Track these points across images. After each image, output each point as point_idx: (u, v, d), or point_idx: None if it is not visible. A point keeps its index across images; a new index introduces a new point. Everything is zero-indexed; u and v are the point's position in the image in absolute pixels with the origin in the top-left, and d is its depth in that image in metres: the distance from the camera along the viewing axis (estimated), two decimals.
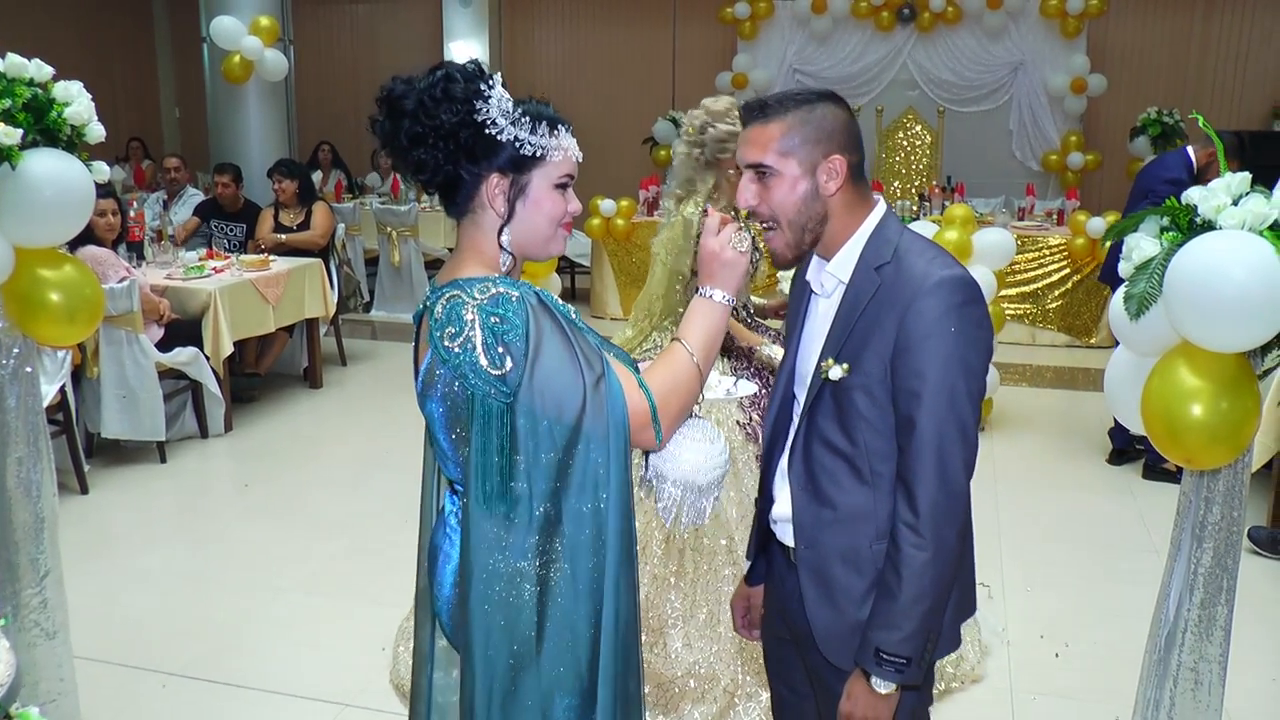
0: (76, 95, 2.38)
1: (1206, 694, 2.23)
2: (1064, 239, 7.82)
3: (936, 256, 1.70)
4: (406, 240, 8.77)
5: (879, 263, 1.71)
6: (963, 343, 1.64)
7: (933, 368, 1.62)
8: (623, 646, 1.65)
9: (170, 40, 13.93)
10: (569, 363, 1.56)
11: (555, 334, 1.58)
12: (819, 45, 11.11)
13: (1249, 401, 2.00)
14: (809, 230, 1.74)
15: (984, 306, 1.68)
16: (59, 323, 2.52)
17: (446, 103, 1.60)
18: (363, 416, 6.41)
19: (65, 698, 2.64)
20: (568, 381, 1.56)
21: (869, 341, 1.68)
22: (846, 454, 1.72)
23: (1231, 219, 1.92)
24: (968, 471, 1.66)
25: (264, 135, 8.78)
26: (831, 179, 1.71)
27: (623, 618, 1.64)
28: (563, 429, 1.56)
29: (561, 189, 1.71)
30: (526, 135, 1.65)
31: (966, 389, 1.64)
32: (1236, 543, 2.19)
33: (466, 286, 1.61)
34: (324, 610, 3.90)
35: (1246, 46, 10.77)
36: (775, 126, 1.71)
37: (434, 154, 1.64)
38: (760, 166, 1.72)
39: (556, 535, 1.60)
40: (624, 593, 1.63)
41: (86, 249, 5.23)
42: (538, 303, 1.60)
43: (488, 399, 1.57)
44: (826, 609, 1.78)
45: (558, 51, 12.88)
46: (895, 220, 1.78)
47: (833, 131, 1.71)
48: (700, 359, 1.70)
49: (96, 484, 5.12)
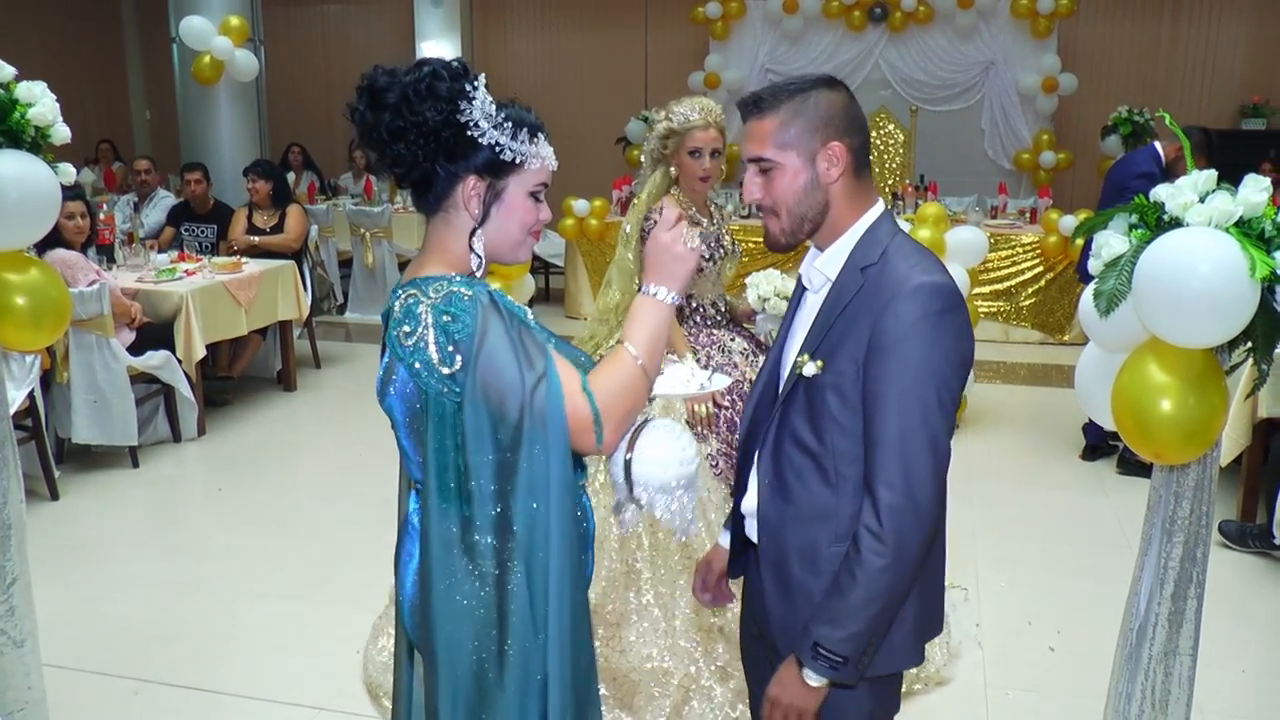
0: (40, 96, 2.35)
1: (1177, 686, 2.26)
2: (1037, 237, 7.88)
3: (921, 261, 1.67)
4: (380, 242, 8.74)
5: (866, 263, 1.69)
6: (937, 351, 1.61)
7: (904, 374, 1.60)
8: (573, 647, 1.64)
9: (140, 41, 13.83)
10: (511, 360, 1.55)
11: (500, 332, 1.57)
12: (791, 45, 11.14)
13: (1216, 397, 2.02)
14: (809, 220, 1.73)
15: (964, 316, 1.65)
16: (24, 327, 2.49)
17: (431, 100, 1.60)
18: (337, 419, 6.37)
19: (33, 706, 2.61)
20: (510, 380, 1.54)
21: (844, 341, 1.66)
22: (814, 452, 1.71)
23: (1198, 216, 1.95)
24: (936, 481, 1.63)
25: (235, 136, 8.73)
26: (832, 166, 1.70)
27: (572, 618, 1.63)
28: (507, 429, 1.55)
29: (535, 197, 1.71)
30: (507, 140, 1.64)
31: (938, 398, 1.61)
32: (1206, 537, 2.21)
33: (423, 285, 1.62)
34: (299, 615, 3.87)
35: (1214, 47, 10.90)
36: (770, 120, 1.70)
37: (413, 150, 1.63)
38: (761, 160, 1.72)
39: (510, 536, 1.59)
40: (570, 593, 1.63)
41: (55, 252, 5.18)
42: (489, 302, 1.59)
43: (441, 398, 1.58)
44: (783, 605, 1.78)
45: (529, 52, 12.86)
46: (890, 223, 1.75)
47: (829, 117, 1.69)
48: (645, 361, 1.66)
49: (67, 490, 5.06)
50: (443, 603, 1.62)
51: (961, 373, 1.65)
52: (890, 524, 1.59)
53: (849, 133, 1.70)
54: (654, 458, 1.70)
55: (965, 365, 1.66)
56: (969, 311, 1.72)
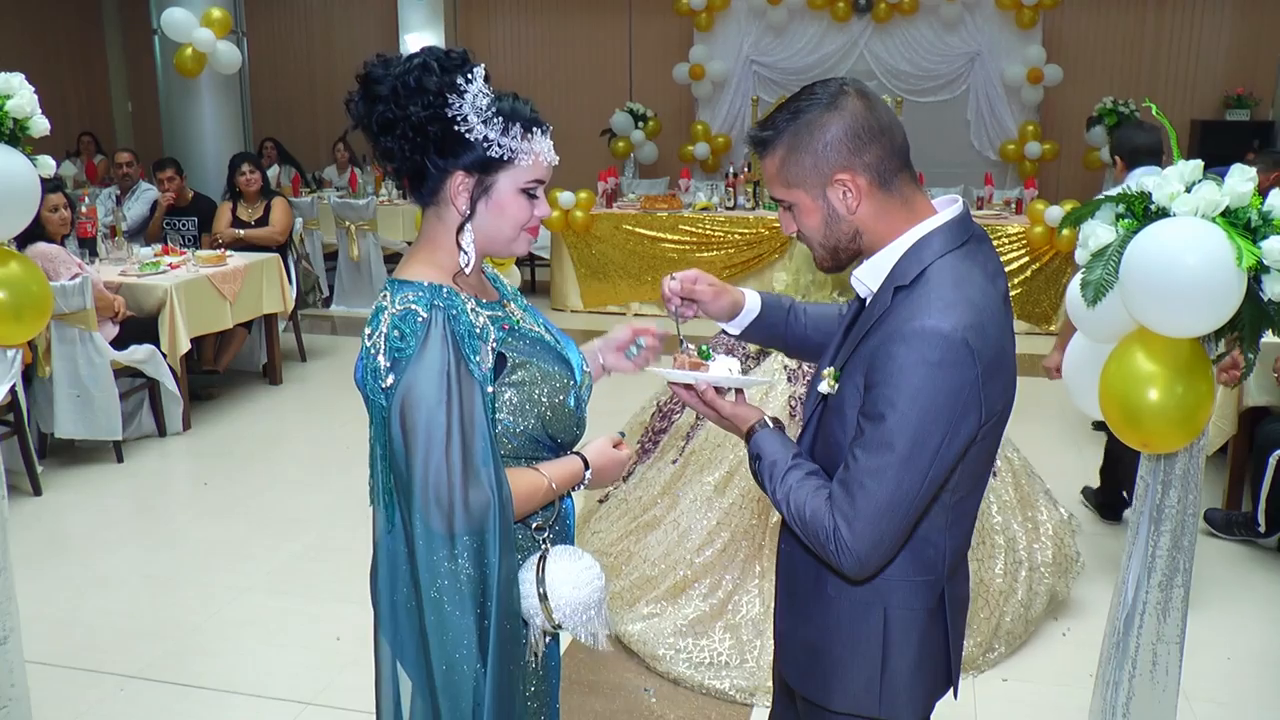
0: (18, 88, 2.33)
1: (1164, 674, 2.27)
2: (1022, 228, 7.89)
3: (946, 296, 1.48)
4: (365, 234, 8.69)
5: (900, 283, 1.54)
6: (919, 403, 1.45)
7: (881, 419, 1.47)
8: (502, 647, 1.63)
9: (121, 33, 13.71)
10: (429, 396, 1.55)
11: (434, 365, 1.56)
12: (775, 36, 11.13)
13: (1203, 386, 2.02)
14: (843, 249, 1.62)
15: (969, 374, 1.46)
16: (4, 321, 2.46)
17: (418, 94, 1.58)
18: (323, 413, 6.34)
19: (16, 704, 2.59)
20: (418, 418, 1.54)
21: (854, 367, 1.57)
22: (827, 467, 1.64)
23: (1185, 206, 1.94)
24: (877, 536, 1.50)
25: (218, 129, 8.67)
26: (847, 195, 1.55)
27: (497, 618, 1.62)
28: (399, 448, 1.57)
29: (529, 194, 1.68)
30: (496, 136, 1.61)
31: (909, 454, 1.46)
32: (1192, 526, 2.22)
33: (398, 290, 1.63)
34: (285, 609, 3.86)
35: (1199, 37, 10.94)
36: (771, 159, 1.60)
37: (401, 144, 1.62)
38: (776, 199, 1.64)
39: (415, 552, 1.61)
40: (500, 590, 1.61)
41: (36, 246, 5.13)
42: (442, 331, 1.58)
43: (379, 401, 1.61)
44: (788, 617, 1.78)
45: (514, 43, 12.81)
46: (943, 239, 1.55)
47: (829, 144, 1.53)
48: (556, 486, 1.72)
49: (50, 485, 5.03)
50: (388, 597, 1.70)
51: (956, 435, 1.48)
52: (849, 542, 1.51)
53: (861, 151, 1.53)
54: (567, 577, 1.69)
55: (963, 426, 1.48)
56: (990, 364, 1.50)
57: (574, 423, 1.77)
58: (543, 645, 1.78)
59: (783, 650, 1.81)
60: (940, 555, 1.63)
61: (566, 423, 1.75)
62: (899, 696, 1.67)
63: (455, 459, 1.54)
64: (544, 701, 1.84)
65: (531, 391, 1.68)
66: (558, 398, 1.72)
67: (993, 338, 1.50)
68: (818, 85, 1.59)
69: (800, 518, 1.57)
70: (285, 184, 9.82)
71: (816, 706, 1.72)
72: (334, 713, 3.20)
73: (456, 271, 1.68)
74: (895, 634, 1.64)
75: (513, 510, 1.62)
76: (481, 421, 1.58)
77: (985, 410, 1.50)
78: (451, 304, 1.61)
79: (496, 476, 1.57)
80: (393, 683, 1.73)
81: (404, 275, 1.66)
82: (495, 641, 1.60)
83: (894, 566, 1.60)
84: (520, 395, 1.68)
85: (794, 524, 1.59)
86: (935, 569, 1.63)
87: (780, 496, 1.61)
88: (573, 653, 3.40)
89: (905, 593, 1.62)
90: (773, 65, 11.12)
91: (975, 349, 1.46)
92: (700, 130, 11.40)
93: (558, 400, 1.72)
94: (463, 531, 1.55)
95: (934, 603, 1.65)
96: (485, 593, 1.58)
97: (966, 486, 1.61)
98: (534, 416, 1.69)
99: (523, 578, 1.68)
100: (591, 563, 1.74)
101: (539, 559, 1.70)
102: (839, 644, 1.67)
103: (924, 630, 1.65)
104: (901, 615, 1.63)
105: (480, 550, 1.57)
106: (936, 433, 1.47)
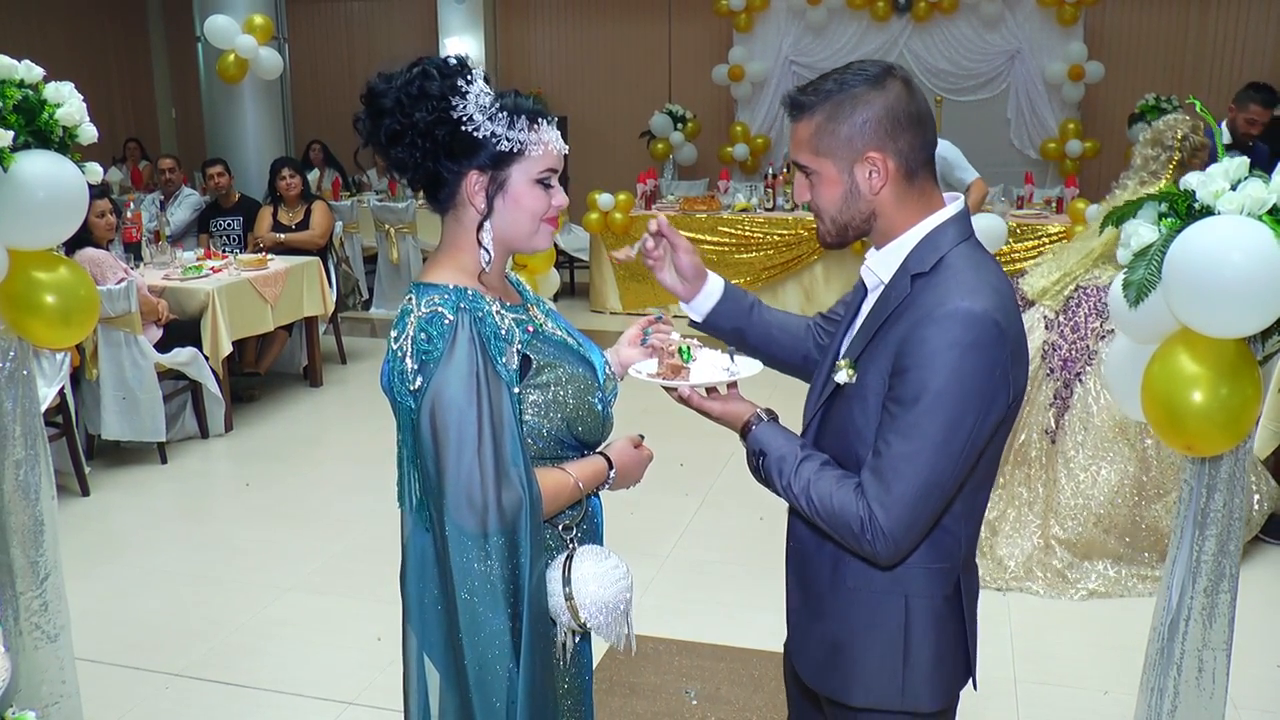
0: (68, 96, 2.36)
1: (1210, 682, 2.23)
2: (1063, 227, 7.80)
3: (971, 281, 1.52)
4: (405, 237, 8.76)
5: (918, 270, 1.56)
6: (954, 386, 1.47)
7: (916, 403, 1.49)
8: (532, 644, 1.63)
9: (165, 40, 13.91)
10: (460, 397, 1.56)
11: (462, 367, 1.57)
12: (815, 37, 11.08)
13: (1249, 388, 1.99)
14: (853, 227, 1.63)
15: (1000, 353, 1.49)
16: (54, 325, 2.50)
17: (422, 100, 1.60)
18: (364, 414, 6.39)
19: (67, 700, 2.64)
20: (449, 418, 1.56)
21: (877, 355, 1.57)
22: (838, 456, 1.65)
23: (1230, 204, 1.91)
24: (913, 518, 1.52)
25: (260, 134, 8.76)
26: (874, 175, 1.57)
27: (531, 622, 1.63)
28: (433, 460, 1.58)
29: (543, 184, 1.69)
30: (504, 130, 1.63)
31: (945, 438, 1.48)
32: (1238, 530, 2.18)
33: (421, 293, 1.65)
34: (327, 609, 3.90)
35: (1243, 32, 10.75)
36: (807, 123, 1.60)
37: (412, 152, 1.64)
38: (799, 165, 1.64)
39: (447, 556, 1.62)
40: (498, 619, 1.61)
41: (84, 251, 5.22)
42: (469, 333, 1.59)
43: (406, 404, 1.62)
44: (802, 614, 1.78)
45: (553, 46, 12.84)
46: (958, 228, 1.60)
47: (872, 121, 1.55)
48: (583, 486, 1.74)
49: (97, 486, 5.11)
50: (418, 602, 1.72)
51: (987, 417, 1.51)
52: (884, 527, 1.52)
53: (897, 135, 1.55)
54: (593, 576, 1.70)
55: (994, 408, 1.51)
56: (1020, 347, 1.55)
57: (600, 424, 1.79)
58: (572, 644, 1.79)
59: (798, 649, 1.79)
60: (957, 543, 1.65)
61: (593, 424, 1.77)
62: (920, 687, 1.68)
63: (487, 459, 1.55)
64: (577, 700, 1.85)
65: (557, 393, 1.70)
66: (583, 399, 1.73)
67: (1016, 320, 1.55)
68: (868, 62, 1.61)
69: (826, 509, 1.57)
70: (326, 188, 9.92)
71: (839, 705, 1.72)
72: (375, 712, 3.23)
73: (480, 273, 1.70)
74: (916, 623, 1.65)
75: (542, 509, 1.63)
76: (511, 421, 1.59)
77: (1013, 391, 1.54)
78: (477, 306, 1.63)
79: (527, 476, 1.59)
80: (420, 676, 1.75)
81: (428, 279, 1.68)
82: (528, 641, 1.61)
83: (914, 553, 1.62)
84: (545, 397, 1.69)
85: (817, 515, 1.59)
86: (953, 556, 1.65)
87: (798, 490, 1.61)
88: (613, 654, 3.41)
89: (924, 580, 1.64)
90: (812, 65, 11.04)
91: (1004, 329, 1.50)
92: (739, 131, 11.37)
93: (583, 401, 1.73)
94: (495, 531, 1.56)
95: (950, 590, 1.67)
96: (517, 592, 1.59)
97: (980, 477, 1.63)
98: (559, 418, 1.71)
99: (549, 577, 1.70)
100: (618, 563, 1.75)
101: (565, 558, 1.72)
102: (861, 636, 1.68)
103: (942, 619, 1.67)
104: (921, 604, 1.65)
105: (512, 549, 1.58)
106: (971, 413, 1.49)
